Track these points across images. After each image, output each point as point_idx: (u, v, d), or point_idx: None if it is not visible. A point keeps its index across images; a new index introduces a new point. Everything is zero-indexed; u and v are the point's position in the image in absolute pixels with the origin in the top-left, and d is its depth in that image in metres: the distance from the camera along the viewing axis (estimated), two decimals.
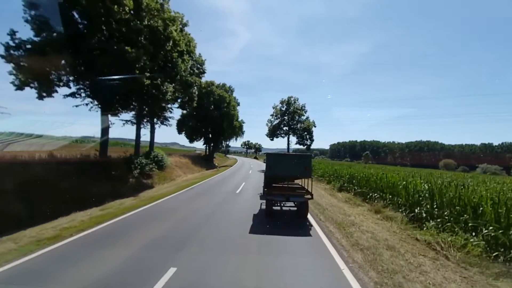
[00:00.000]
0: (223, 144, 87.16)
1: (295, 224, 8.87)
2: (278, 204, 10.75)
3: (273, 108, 38.55)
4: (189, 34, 20.09)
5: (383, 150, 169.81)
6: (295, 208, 10.63)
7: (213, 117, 38.93)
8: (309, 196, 9.35)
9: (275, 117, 38.36)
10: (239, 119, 45.89)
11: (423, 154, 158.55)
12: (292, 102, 37.22)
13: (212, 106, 39.99)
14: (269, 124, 39.02)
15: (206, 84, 40.79)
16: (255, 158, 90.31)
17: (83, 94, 14.20)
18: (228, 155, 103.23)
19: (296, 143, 36.86)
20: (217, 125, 41.70)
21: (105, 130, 15.57)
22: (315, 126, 33.51)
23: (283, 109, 37.66)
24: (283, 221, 9.33)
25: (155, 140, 23.05)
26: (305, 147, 34.21)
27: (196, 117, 39.57)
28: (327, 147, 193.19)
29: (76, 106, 14.46)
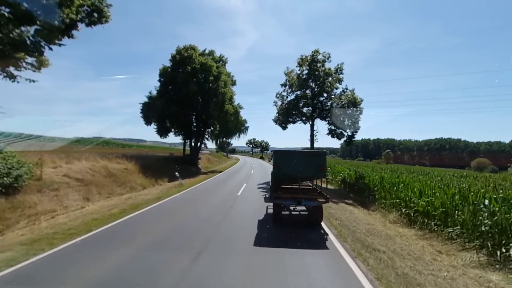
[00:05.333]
0: (227, 142, 72.11)
1: None
2: (287, 208, 9.12)
3: (286, 74, 19.28)
4: None
5: (399, 149, 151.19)
6: (306, 212, 9.20)
7: (190, 96, 23.78)
8: (323, 200, 7.69)
9: (289, 90, 19.27)
10: (236, 103, 30.64)
11: (444, 153, 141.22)
12: (320, 60, 17.76)
13: (197, 82, 24.81)
14: (280, 102, 19.80)
15: (183, 50, 25.78)
16: (261, 158, 74.91)
17: None
18: (232, 155, 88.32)
19: (328, 133, 18.08)
20: (200, 110, 26.58)
21: None
22: (359, 105, 16.92)
23: (304, 75, 18.29)
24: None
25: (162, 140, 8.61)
26: (342, 139, 18.41)
27: (166, 96, 24.60)
28: (337, 146, 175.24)
29: None
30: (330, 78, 17.74)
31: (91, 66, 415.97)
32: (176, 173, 15.03)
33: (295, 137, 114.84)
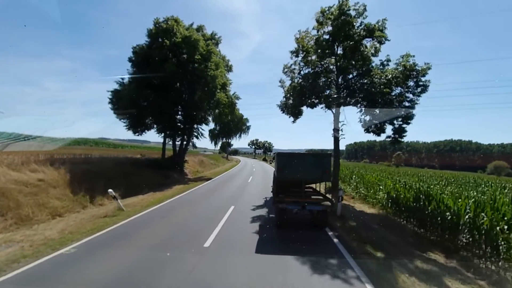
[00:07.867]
0: (228, 142, 65.54)
1: None
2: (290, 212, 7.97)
3: (297, 41, 11.51)
4: None
5: (407, 151, 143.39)
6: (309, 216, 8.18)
7: (169, 79, 17.45)
8: (328, 203, 7.24)
9: (305, 63, 11.74)
10: (232, 93, 24.24)
11: (454, 154, 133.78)
12: (352, 15, 10.68)
13: (178, 60, 18.40)
14: (289, 81, 12.87)
15: (163, 22, 19.46)
16: (264, 160, 68.28)
17: None
18: (233, 156, 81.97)
19: (363, 127, 11.34)
20: (186, 99, 20.31)
21: None
22: (423, 76, 9.96)
23: (327, 36, 11.10)
24: None
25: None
26: (388, 136, 11.15)
27: (139, 81, 18.32)
28: (342, 148, 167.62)
29: None
30: (370, 41, 11.21)
31: (95, 67, 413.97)
32: (110, 190, 8.62)
33: (301, 137, 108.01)
